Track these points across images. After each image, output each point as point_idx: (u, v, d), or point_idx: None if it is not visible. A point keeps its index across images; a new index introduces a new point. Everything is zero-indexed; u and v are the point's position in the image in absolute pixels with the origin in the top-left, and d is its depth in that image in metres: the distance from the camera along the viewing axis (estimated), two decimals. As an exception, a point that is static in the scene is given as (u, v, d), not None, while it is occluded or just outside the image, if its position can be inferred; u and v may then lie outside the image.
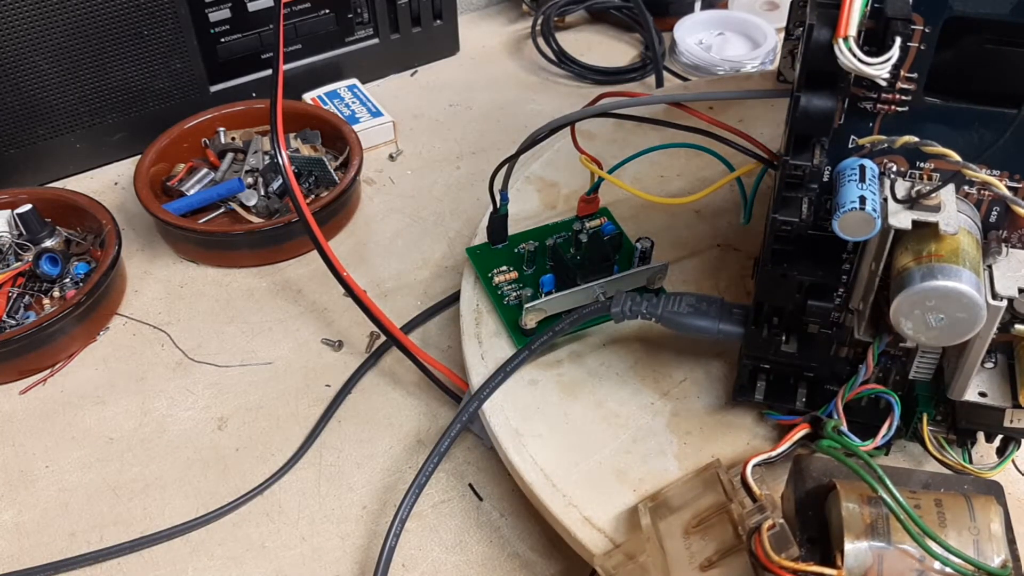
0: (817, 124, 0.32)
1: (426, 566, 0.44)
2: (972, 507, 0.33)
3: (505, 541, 0.45)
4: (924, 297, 0.32)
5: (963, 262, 0.32)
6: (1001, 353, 0.37)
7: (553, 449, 0.43)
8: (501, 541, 0.45)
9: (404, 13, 0.75)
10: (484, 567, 0.44)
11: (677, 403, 0.45)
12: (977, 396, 0.37)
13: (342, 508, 0.47)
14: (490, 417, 0.44)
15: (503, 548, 0.45)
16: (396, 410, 0.52)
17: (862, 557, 0.32)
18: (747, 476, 0.35)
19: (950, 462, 0.39)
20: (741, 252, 0.53)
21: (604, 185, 0.50)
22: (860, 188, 0.32)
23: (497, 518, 0.46)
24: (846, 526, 0.32)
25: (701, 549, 0.34)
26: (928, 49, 0.31)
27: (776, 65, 0.76)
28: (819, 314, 0.37)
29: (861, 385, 0.38)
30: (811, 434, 0.38)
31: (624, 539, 0.39)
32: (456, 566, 0.44)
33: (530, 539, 0.45)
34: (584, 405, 0.45)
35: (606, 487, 0.41)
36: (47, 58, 0.62)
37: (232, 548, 0.45)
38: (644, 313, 0.42)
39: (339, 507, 0.47)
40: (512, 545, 0.45)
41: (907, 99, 0.32)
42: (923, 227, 0.32)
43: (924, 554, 0.32)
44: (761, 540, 0.32)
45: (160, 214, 0.59)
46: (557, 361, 0.47)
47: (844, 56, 0.29)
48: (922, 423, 0.39)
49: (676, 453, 0.42)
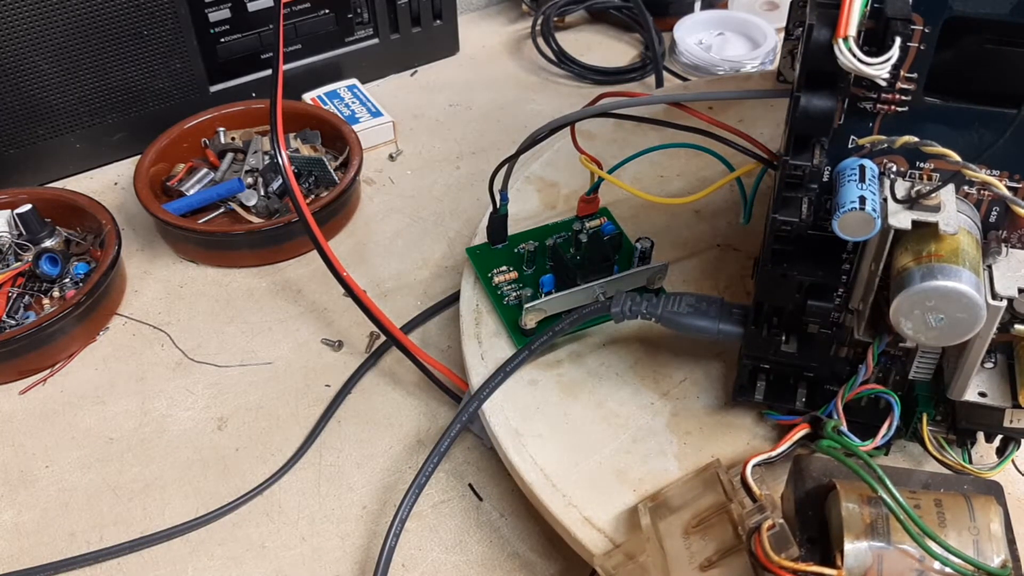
0: (817, 124, 0.32)
1: (426, 566, 0.44)
2: (972, 507, 0.33)
3: (505, 541, 0.45)
4: (924, 297, 0.32)
5: (963, 262, 0.32)
6: (1001, 353, 0.37)
7: (553, 449, 0.43)
8: (501, 541, 0.45)
9: (404, 13, 0.75)
10: (484, 567, 0.44)
11: (677, 403, 0.45)
12: (977, 396, 0.37)
13: (342, 508, 0.47)
14: (490, 417, 0.44)
15: (503, 548, 0.45)
16: (396, 410, 0.52)
17: (862, 557, 0.32)
18: (747, 476, 0.35)
19: (950, 462, 0.39)
20: (741, 252, 0.53)
21: (604, 185, 0.50)
22: (860, 188, 0.32)
23: (497, 518, 0.46)
24: (846, 526, 0.32)
25: (701, 549, 0.34)
26: (928, 49, 0.31)
27: (775, 65, 0.76)
28: (819, 314, 0.37)
29: (861, 385, 0.38)
30: (811, 434, 0.38)
31: (624, 539, 0.39)
32: (456, 566, 0.44)
33: (530, 539, 0.45)
34: (584, 405, 0.45)
35: (606, 487, 0.41)
36: (47, 58, 0.62)
37: (232, 548, 0.45)
38: (644, 313, 0.42)
39: (339, 507, 0.47)
40: (512, 545, 0.45)
41: (907, 99, 0.32)
42: (923, 227, 0.32)
43: (924, 554, 0.32)
44: (761, 540, 0.32)
45: (160, 214, 0.59)
46: (557, 361, 0.47)
47: (844, 56, 0.29)
48: (922, 423, 0.39)
49: (676, 453, 0.42)
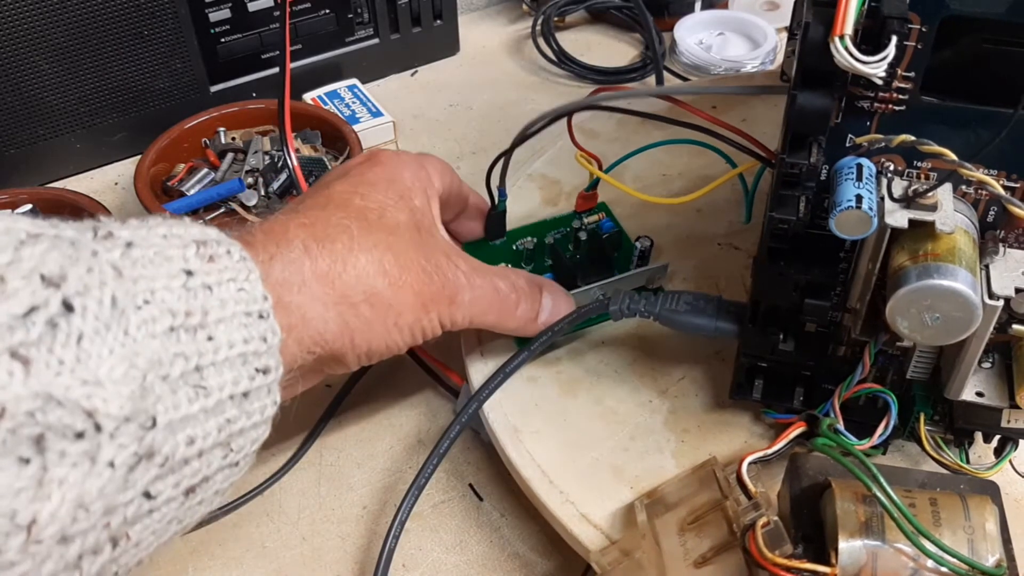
0: (813, 122, 0.32)
1: (426, 566, 0.45)
2: (967, 506, 0.33)
3: (505, 541, 0.46)
4: (920, 296, 0.32)
5: (959, 261, 0.32)
6: (998, 353, 0.37)
7: (551, 446, 0.43)
8: (501, 541, 0.46)
9: (404, 13, 0.75)
10: (484, 567, 0.44)
11: (675, 401, 0.45)
12: (974, 396, 0.37)
13: (342, 508, 0.47)
14: (488, 413, 0.44)
15: (503, 548, 0.45)
16: (396, 410, 0.52)
17: (856, 555, 0.32)
18: (742, 474, 0.35)
19: (947, 462, 0.39)
20: (741, 251, 0.53)
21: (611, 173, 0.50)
22: (857, 187, 0.32)
23: (497, 518, 0.46)
24: (840, 524, 0.33)
25: (696, 546, 0.34)
26: (925, 48, 0.31)
27: (776, 65, 0.76)
28: (816, 313, 0.37)
29: (858, 384, 0.38)
30: (807, 432, 0.38)
31: (620, 536, 0.39)
32: (456, 566, 0.45)
33: (530, 539, 0.45)
34: (582, 402, 0.45)
35: (603, 484, 0.41)
36: (47, 58, 0.62)
37: (232, 548, 0.46)
38: (642, 311, 0.42)
39: (339, 507, 0.47)
40: (512, 545, 0.45)
41: (904, 98, 0.33)
42: (920, 226, 0.32)
43: (918, 552, 0.32)
44: (755, 537, 0.32)
45: (160, 214, 0.59)
46: (556, 358, 0.47)
47: (840, 54, 0.29)
48: (920, 423, 0.39)
49: (673, 451, 0.43)
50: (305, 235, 0.35)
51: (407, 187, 0.41)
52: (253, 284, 0.30)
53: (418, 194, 0.41)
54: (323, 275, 0.35)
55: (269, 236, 0.35)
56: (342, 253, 0.36)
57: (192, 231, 0.30)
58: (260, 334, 0.30)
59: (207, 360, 0.28)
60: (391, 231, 0.38)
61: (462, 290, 0.40)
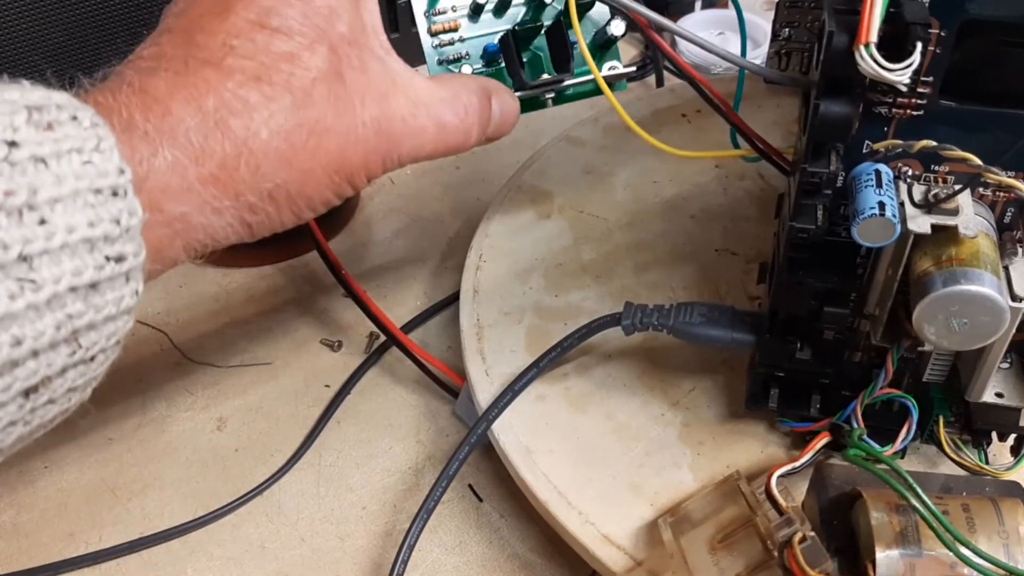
0: (837, 131, 0.31)
1: (426, 567, 0.44)
2: (1000, 511, 0.33)
3: (505, 542, 0.45)
4: (947, 302, 0.31)
5: (984, 265, 0.31)
6: (1016, 353, 0.37)
7: (565, 465, 0.42)
8: (501, 542, 0.45)
9: (404, 13, 0.74)
10: (484, 568, 0.44)
11: (687, 413, 0.44)
12: (994, 397, 0.37)
13: (341, 509, 0.47)
14: (499, 435, 0.43)
15: (503, 549, 0.45)
16: (396, 410, 0.51)
17: (894, 566, 0.32)
18: (772, 488, 0.34)
19: (967, 463, 0.39)
20: (739, 256, 0.53)
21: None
22: (878, 193, 0.32)
23: (497, 519, 0.46)
24: (876, 535, 0.32)
25: (731, 565, 0.34)
26: (944, 52, 0.31)
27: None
28: (835, 320, 0.37)
29: (879, 390, 0.38)
30: (831, 442, 0.37)
31: (645, 555, 0.38)
32: (456, 567, 0.44)
33: (530, 540, 0.45)
34: (593, 418, 0.44)
35: (622, 502, 0.40)
36: (47, 58, 0.60)
37: (231, 549, 0.45)
38: (655, 324, 0.42)
39: (338, 508, 0.47)
40: (512, 546, 0.45)
41: (922, 103, 0.32)
42: (942, 231, 0.32)
43: (956, 560, 0.31)
44: (794, 554, 0.31)
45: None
46: (563, 374, 0.46)
47: (865, 63, 0.29)
48: (938, 425, 0.39)
49: (690, 464, 0.42)
50: (191, 118, 0.29)
51: (327, 5, 0.32)
52: (105, 156, 0.25)
53: (344, 9, 0.33)
54: (211, 178, 0.29)
55: (145, 103, 0.30)
56: (235, 144, 0.30)
57: (32, 96, 0.26)
58: (112, 215, 0.25)
59: (36, 248, 0.23)
60: (303, 98, 0.31)
61: (399, 142, 0.34)
